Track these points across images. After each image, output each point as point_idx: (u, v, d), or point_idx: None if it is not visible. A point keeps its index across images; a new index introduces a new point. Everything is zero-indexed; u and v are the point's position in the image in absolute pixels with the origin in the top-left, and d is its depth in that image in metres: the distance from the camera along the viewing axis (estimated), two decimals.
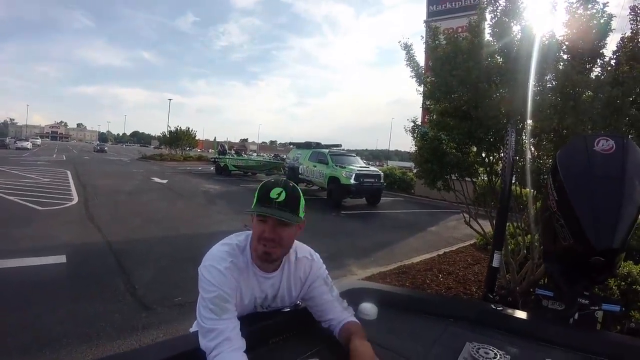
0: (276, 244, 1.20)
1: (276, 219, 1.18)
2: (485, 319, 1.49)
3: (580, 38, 3.14)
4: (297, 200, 1.24)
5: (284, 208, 1.18)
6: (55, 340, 2.96)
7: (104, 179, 15.07)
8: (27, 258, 4.73)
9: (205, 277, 1.18)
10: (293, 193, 1.23)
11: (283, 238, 1.21)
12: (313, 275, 1.39)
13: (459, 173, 4.35)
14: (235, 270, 1.23)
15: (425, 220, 11.18)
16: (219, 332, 1.08)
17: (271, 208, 1.17)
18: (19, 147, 39.62)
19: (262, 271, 1.31)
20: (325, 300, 1.36)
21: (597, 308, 1.72)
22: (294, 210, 1.21)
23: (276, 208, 1.17)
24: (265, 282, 1.33)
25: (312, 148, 15.02)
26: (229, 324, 1.11)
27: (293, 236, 1.27)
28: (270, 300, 1.36)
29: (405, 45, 4.59)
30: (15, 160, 21.28)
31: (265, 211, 1.17)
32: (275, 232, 1.19)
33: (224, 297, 1.15)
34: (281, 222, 1.19)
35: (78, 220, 7.29)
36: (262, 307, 1.37)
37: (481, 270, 5.48)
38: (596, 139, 1.72)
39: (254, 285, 1.30)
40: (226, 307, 1.14)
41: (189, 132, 38.18)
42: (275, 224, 1.19)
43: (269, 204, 1.18)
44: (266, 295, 1.34)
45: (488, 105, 3.47)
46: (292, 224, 1.22)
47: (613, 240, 1.51)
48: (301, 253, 1.40)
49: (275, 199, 1.18)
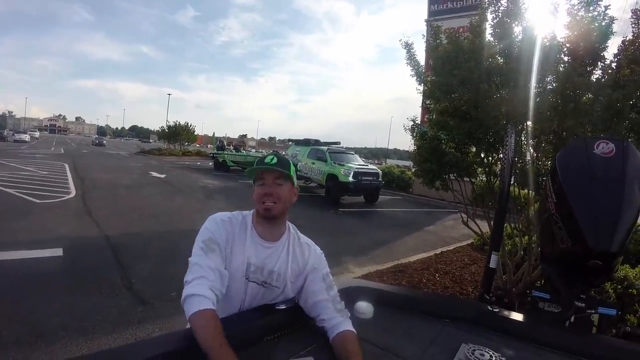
0: (275, 198, 1.34)
1: (274, 178, 1.35)
2: (482, 320, 1.49)
3: (581, 40, 3.14)
4: (288, 163, 1.41)
5: (276, 166, 1.34)
6: (51, 333, 2.97)
7: (102, 172, 15.04)
8: (23, 251, 4.72)
9: (204, 225, 1.36)
10: (284, 159, 1.41)
11: (280, 193, 1.35)
12: (311, 265, 1.41)
13: (458, 173, 4.35)
14: (230, 226, 1.37)
15: (423, 219, 11.19)
16: (199, 267, 1.22)
17: (269, 166, 1.35)
18: (17, 140, 39.43)
19: (262, 239, 1.39)
20: (320, 298, 1.35)
21: (594, 311, 1.72)
22: (286, 169, 1.37)
23: (271, 167, 1.34)
24: (264, 251, 1.38)
25: (310, 145, 14.97)
26: (211, 264, 1.23)
27: (289, 195, 1.39)
28: (266, 275, 1.37)
29: (406, 44, 4.58)
30: (13, 153, 21.22)
31: (261, 167, 1.35)
32: (272, 188, 1.34)
33: (214, 240, 1.30)
34: (277, 181, 1.36)
35: (75, 214, 7.28)
36: (256, 280, 1.36)
37: (478, 271, 5.48)
38: (596, 142, 1.71)
39: (250, 250, 1.36)
40: (213, 249, 1.28)
41: (187, 127, 38.11)
42: (272, 182, 1.35)
43: (263, 163, 1.36)
44: (263, 268, 1.37)
45: (488, 106, 3.47)
46: (287, 184, 1.37)
47: (611, 243, 1.51)
48: (305, 240, 1.49)
49: (269, 162, 1.35)
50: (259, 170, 1.36)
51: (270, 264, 1.37)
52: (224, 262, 1.29)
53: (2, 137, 40.39)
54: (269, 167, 1.34)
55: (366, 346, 1.25)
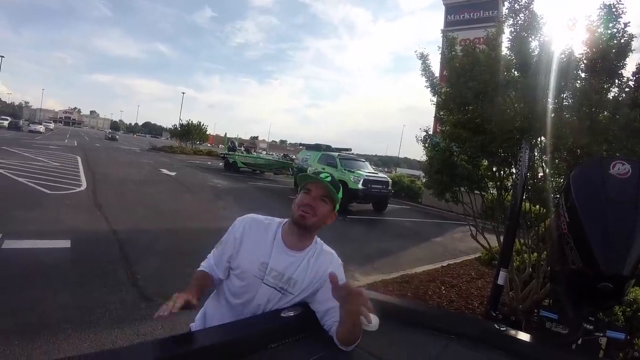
0: (313, 211, 1.39)
1: (321, 194, 1.40)
2: (488, 339, 1.46)
3: (599, 57, 3.11)
4: (339, 187, 1.45)
5: (329, 184, 1.40)
6: (54, 324, 2.98)
7: (113, 167, 15.18)
8: (32, 240, 4.76)
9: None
10: (337, 182, 1.47)
11: (319, 209, 1.40)
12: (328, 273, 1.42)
13: (469, 186, 4.31)
14: (256, 226, 1.48)
15: (431, 230, 11.11)
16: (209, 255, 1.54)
17: (321, 181, 1.40)
18: (32, 130, 39.90)
19: (287, 247, 1.44)
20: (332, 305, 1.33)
21: (602, 334, 1.69)
22: (336, 191, 1.41)
23: (323, 183, 1.39)
24: (287, 259, 1.43)
25: (321, 150, 14.99)
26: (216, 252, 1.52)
27: (327, 215, 1.44)
28: (284, 281, 1.42)
29: (422, 55, 4.58)
30: (27, 143, 21.50)
31: (314, 179, 1.40)
32: (315, 202, 1.39)
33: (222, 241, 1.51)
34: (323, 198, 1.40)
35: (85, 207, 7.34)
36: (275, 286, 1.41)
37: (484, 285, 5.42)
38: (612, 162, 1.69)
39: (274, 255, 1.42)
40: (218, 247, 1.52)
41: (200, 127, 38.38)
42: (318, 196, 1.40)
43: (318, 178, 1.41)
44: (283, 274, 1.41)
45: (503, 120, 3.43)
46: (330, 205, 1.42)
47: (623, 267, 1.48)
48: (327, 249, 1.53)
49: (323, 178, 1.40)
50: (311, 181, 1.42)
51: (290, 271, 1.42)
52: (222, 257, 1.48)
53: (17, 127, 40.89)
54: (322, 181, 1.39)
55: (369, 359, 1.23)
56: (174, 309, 1.12)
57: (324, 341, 1.31)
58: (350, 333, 1.24)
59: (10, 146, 17.55)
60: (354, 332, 1.24)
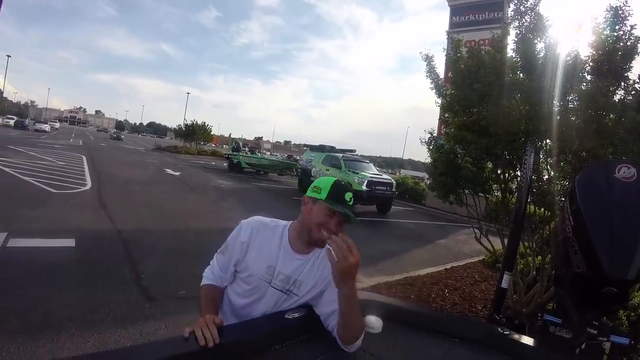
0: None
1: (342, 221, 1.39)
2: (491, 342, 1.46)
3: (605, 59, 3.09)
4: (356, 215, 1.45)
5: (352, 210, 1.40)
6: (58, 323, 2.99)
7: (118, 167, 15.27)
8: (37, 239, 4.80)
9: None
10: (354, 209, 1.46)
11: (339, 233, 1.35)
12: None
13: (473, 188, 4.30)
14: (263, 229, 1.47)
15: (435, 232, 11.09)
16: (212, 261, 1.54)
17: (345, 207, 1.37)
18: (38, 129, 40.09)
19: (294, 251, 1.45)
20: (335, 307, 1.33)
21: (606, 339, 1.68)
22: (355, 222, 1.42)
23: (348, 208, 1.38)
24: (293, 262, 1.44)
25: (326, 151, 15.00)
26: (221, 259, 1.50)
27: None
28: (290, 284, 1.43)
29: (427, 56, 4.57)
30: (32, 142, 21.66)
31: (343, 209, 1.36)
32: (338, 228, 1.37)
33: (227, 245, 1.50)
34: (342, 226, 1.39)
35: (90, 206, 7.38)
36: (282, 289, 1.42)
37: (488, 288, 5.39)
38: (618, 166, 1.68)
39: (279, 257, 1.43)
40: (224, 252, 1.50)
41: (204, 127, 38.50)
42: (340, 221, 1.38)
43: (343, 203, 1.38)
44: (290, 276, 1.43)
45: (508, 122, 3.42)
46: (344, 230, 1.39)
47: (628, 271, 1.47)
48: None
49: (347, 201, 1.40)
50: (336, 209, 1.36)
51: (296, 274, 1.43)
52: (229, 263, 1.47)
53: (23, 126, 41.15)
54: (347, 213, 1.37)
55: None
56: (216, 340, 1.09)
57: (328, 343, 1.31)
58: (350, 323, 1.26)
59: (17, 145, 17.70)
60: (353, 320, 1.26)
